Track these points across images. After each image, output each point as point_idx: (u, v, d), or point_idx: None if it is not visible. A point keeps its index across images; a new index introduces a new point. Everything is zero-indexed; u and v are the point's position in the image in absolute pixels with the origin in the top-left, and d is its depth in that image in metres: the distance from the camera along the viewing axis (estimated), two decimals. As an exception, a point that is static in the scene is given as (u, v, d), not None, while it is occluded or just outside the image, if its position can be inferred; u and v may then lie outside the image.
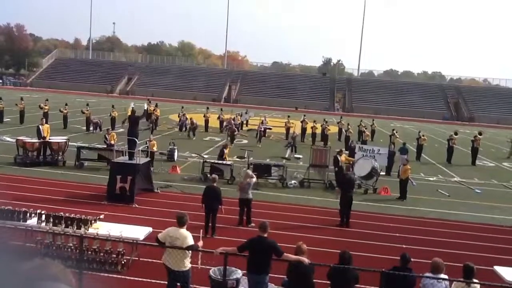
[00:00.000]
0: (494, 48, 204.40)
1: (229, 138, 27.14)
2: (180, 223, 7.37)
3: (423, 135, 27.01)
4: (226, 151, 18.31)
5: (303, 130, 31.31)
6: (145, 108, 20.37)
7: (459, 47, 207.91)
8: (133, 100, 35.19)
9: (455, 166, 24.68)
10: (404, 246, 11.10)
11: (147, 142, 19.18)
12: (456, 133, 27.42)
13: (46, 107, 29.52)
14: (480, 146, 27.15)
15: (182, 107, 36.25)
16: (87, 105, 31.14)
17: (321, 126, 30.48)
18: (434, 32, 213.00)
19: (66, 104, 30.81)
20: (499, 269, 8.74)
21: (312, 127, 30.50)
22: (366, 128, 30.90)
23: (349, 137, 28.10)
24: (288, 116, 34.97)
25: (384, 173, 19.62)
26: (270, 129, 34.00)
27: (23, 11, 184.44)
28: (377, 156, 18.33)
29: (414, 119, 64.42)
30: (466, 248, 11.52)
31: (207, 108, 35.96)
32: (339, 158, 17.66)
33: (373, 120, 35.80)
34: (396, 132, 28.13)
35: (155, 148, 18.72)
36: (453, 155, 26.39)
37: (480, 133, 27.39)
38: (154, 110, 31.49)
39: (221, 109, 36.38)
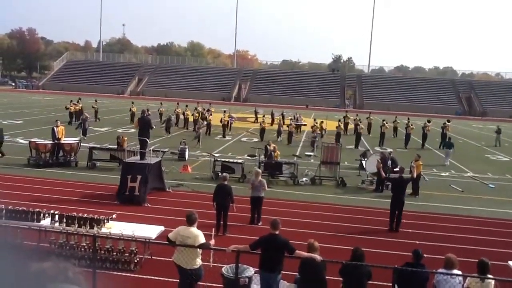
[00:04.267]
0: (506, 42, 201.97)
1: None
2: (190, 221, 7.37)
3: (411, 124, 29.86)
4: (270, 147, 18.55)
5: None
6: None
7: (471, 41, 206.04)
8: (146, 102, 36.46)
9: (467, 161, 24.43)
10: (417, 242, 11.02)
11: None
12: (429, 121, 30.62)
13: (78, 107, 32.90)
14: (450, 131, 30.73)
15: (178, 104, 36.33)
16: (79, 100, 34.08)
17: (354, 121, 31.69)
18: (444, 26, 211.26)
19: (96, 100, 34.47)
20: (514, 264, 8.63)
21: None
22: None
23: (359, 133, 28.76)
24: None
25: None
26: (305, 125, 34.52)
27: (34, 15, 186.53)
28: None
29: (426, 115, 63.59)
30: (480, 243, 11.40)
31: (186, 106, 36.25)
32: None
33: (396, 117, 35.54)
34: (387, 123, 30.25)
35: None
36: (426, 140, 29.46)
37: (448, 121, 31.64)
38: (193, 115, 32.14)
39: (177, 103, 37.38)
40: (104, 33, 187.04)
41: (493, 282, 6.75)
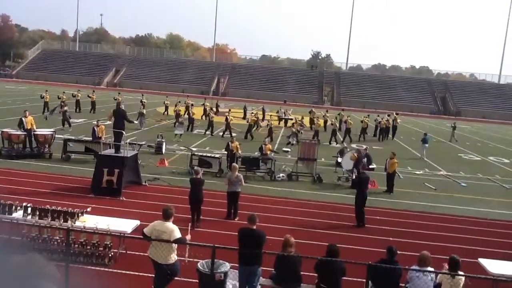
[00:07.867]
0: (480, 44, 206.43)
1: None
2: (166, 216, 7.31)
3: (366, 118, 32.19)
4: (232, 145, 18.06)
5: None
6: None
7: (447, 42, 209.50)
8: (121, 92, 35.99)
9: (441, 160, 24.93)
10: (390, 238, 11.20)
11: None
12: (388, 115, 34.76)
13: (92, 96, 33.89)
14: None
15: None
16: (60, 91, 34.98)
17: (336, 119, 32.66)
18: (422, 27, 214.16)
19: (94, 91, 34.68)
20: (484, 261, 8.86)
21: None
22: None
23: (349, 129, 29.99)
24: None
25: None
26: (291, 119, 34.70)
27: (8, 1, 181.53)
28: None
29: (401, 113, 64.69)
30: (451, 240, 11.66)
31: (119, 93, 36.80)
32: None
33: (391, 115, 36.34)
34: (349, 117, 31.46)
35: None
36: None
37: (397, 113, 36.19)
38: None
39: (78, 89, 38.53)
40: (81, 22, 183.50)
41: (463, 278, 6.92)
